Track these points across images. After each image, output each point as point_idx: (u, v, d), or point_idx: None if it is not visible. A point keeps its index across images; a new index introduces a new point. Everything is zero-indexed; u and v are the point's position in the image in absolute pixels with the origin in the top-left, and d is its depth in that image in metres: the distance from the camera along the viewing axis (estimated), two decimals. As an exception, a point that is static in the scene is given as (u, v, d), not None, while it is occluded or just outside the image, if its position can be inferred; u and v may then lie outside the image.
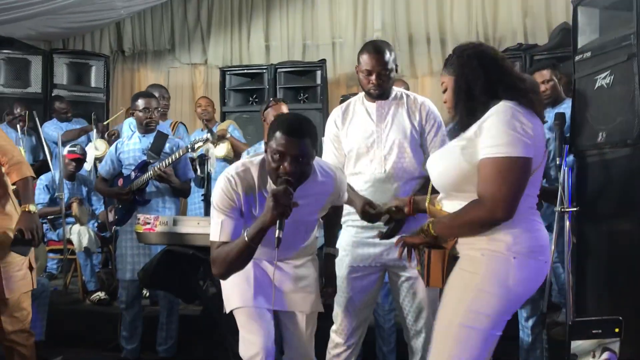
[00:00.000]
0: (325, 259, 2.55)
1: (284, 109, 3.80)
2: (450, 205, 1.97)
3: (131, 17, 7.11)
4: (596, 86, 3.05)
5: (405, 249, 2.11)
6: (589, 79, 3.10)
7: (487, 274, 1.86)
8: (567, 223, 2.81)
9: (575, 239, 3.06)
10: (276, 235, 2.00)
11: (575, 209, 2.86)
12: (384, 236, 2.46)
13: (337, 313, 2.69)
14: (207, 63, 7.07)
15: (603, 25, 3.15)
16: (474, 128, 1.88)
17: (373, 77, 2.61)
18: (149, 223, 3.17)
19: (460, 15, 6.41)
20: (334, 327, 2.71)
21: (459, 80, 1.96)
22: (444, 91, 2.04)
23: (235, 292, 2.34)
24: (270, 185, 2.17)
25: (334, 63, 6.65)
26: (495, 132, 1.81)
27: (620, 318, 1.56)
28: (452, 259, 1.98)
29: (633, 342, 2.77)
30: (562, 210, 2.82)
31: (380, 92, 2.64)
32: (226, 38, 7.00)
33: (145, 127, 3.78)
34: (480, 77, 1.92)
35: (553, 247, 2.91)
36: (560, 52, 5.00)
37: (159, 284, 3.43)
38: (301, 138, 2.05)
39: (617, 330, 1.58)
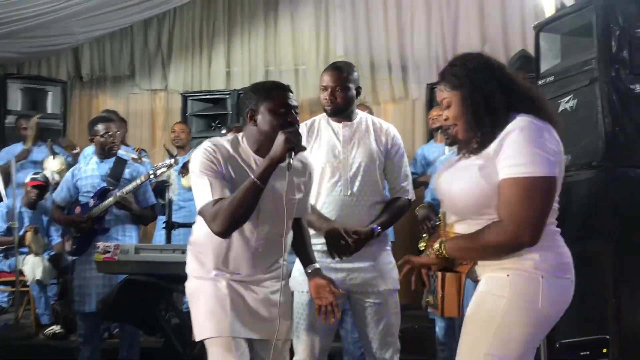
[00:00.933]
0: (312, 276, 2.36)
1: None
2: (465, 230, 1.81)
3: (89, 42, 6.98)
4: (560, 110, 3.09)
5: (413, 273, 1.91)
6: (553, 102, 3.14)
7: (515, 296, 1.72)
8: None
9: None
10: (287, 162, 2.05)
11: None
12: (341, 254, 2.46)
13: (297, 342, 2.59)
14: (167, 89, 6.96)
15: (564, 50, 3.22)
16: (492, 146, 1.75)
17: (327, 93, 2.60)
18: (109, 251, 3.05)
19: (420, 41, 6.49)
20: (295, 358, 2.61)
21: (472, 93, 1.78)
22: (447, 107, 1.86)
23: (210, 319, 2.17)
24: (247, 158, 2.18)
25: (297, 89, 6.62)
26: (518, 149, 1.69)
27: (607, 337, 1.51)
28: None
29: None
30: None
31: (333, 108, 2.61)
32: (187, 63, 6.92)
33: (107, 152, 3.66)
34: (496, 89, 1.76)
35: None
36: (520, 78, 5.10)
37: (119, 315, 3.30)
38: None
39: (604, 350, 1.52)
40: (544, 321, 1.75)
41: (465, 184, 1.79)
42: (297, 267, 2.64)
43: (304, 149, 2.13)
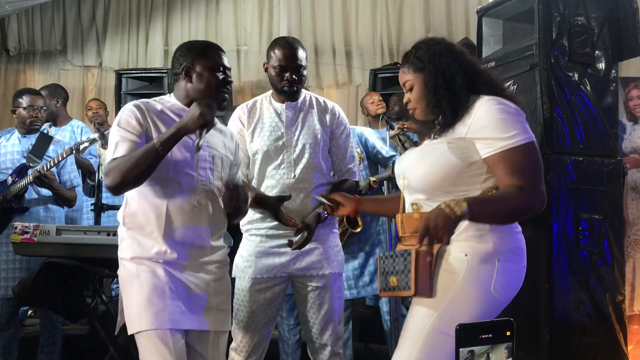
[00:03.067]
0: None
1: None
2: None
3: (18, 13, 6.58)
4: (500, 95, 3.08)
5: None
6: (493, 88, 3.14)
7: (470, 276, 1.74)
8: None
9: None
10: (196, 142, 1.99)
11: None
12: (296, 246, 2.34)
13: (237, 329, 2.49)
14: (101, 66, 6.67)
15: (506, 35, 3.22)
16: (461, 127, 1.80)
17: (288, 74, 2.46)
18: (27, 232, 2.85)
19: (365, 27, 6.48)
20: (233, 345, 2.51)
21: (435, 76, 1.84)
22: (409, 90, 1.90)
23: (145, 310, 2.00)
24: (180, 111, 2.15)
25: (239, 71, 6.49)
26: (503, 123, 1.76)
27: (512, 320, 1.48)
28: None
29: (530, 347, 2.80)
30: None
31: (295, 90, 2.50)
32: (123, 40, 6.64)
33: (28, 127, 3.43)
34: (458, 72, 1.83)
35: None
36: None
37: (38, 300, 3.09)
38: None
39: (508, 333, 1.48)
40: (494, 304, 1.77)
41: (436, 161, 1.82)
42: (240, 252, 2.56)
43: (213, 125, 2.08)
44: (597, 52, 2.93)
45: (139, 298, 2.01)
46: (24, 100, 3.43)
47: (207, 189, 2.14)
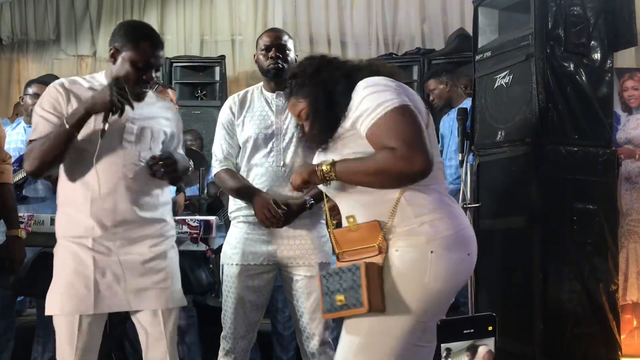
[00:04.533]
0: None
1: (171, 94, 3.60)
2: (345, 203, 1.80)
3: (10, 2, 6.52)
4: (496, 85, 3.08)
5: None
6: (489, 78, 3.14)
7: (400, 272, 1.68)
8: (470, 219, 2.79)
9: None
10: (102, 127, 1.97)
11: (478, 204, 2.87)
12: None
13: (226, 317, 2.50)
14: (95, 55, 6.62)
15: (502, 25, 3.21)
16: (346, 122, 1.76)
17: (272, 52, 2.50)
18: (22, 222, 2.83)
19: (360, 18, 6.45)
20: (223, 333, 2.52)
21: (317, 92, 1.80)
22: (306, 119, 1.84)
23: (61, 293, 2.08)
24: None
25: (234, 60, 6.46)
26: (369, 97, 1.70)
27: (494, 314, 1.46)
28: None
29: (524, 337, 2.82)
30: (465, 206, 2.81)
31: (279, 67, 2.51)
32: (117, 29, 6.59)
33: (30, 115, 3.42)
34: (340, 77, 1.79)
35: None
36: (457, 56, 5.13)
37: (33, 290, 3.07)
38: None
39: (490, 328, 1.46)
40: (433, 297, 1.69)
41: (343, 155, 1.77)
42: (227, 239, 2.58)
43: (118, 112, 1.99)
44: (592, 42, 2.93)
45: (57, 280, 2.11)
46: (31, 89, 3.45)
47: (133, 161, 2.12)
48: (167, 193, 2.29)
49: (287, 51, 2.53)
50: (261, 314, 2.57)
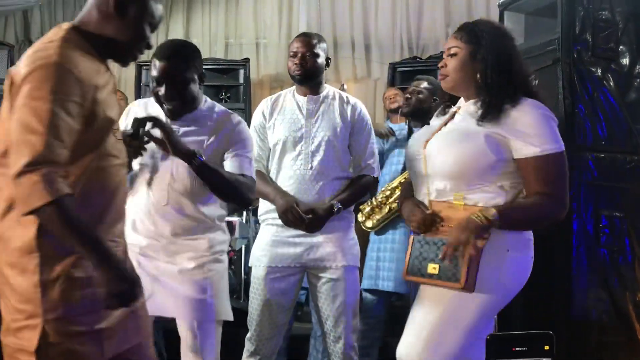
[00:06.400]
0: None
1: None
2: (477, 197, 1.81)
3: (40, 5, 6.65)
4: (521, 90, 3.05)
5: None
6: (514, 83, 3.10)
7: (482, 268, 1.77)
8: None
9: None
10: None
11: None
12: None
13: (252, 318, 2.52)
14: (121, 57, 6.72)
15: (528, 30, 3.18)
16: (504, 119, 1.80)
17: (297, 59, 2.53)
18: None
19: (384, 21, 6.44)
20: (248, 335, 2.54)
21: (489, 53, 1.81)
22: (450, 56, 1.88)
23: None
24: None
25: (258, 63, 6.48)
26: (542, 129, 1.80)
27: (551, 332, 1.44)
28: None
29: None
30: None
31: (302, 73, 2.53)
32: (144, 32, 6.67)
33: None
34: (513, 59, 1.84)
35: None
36: (482, 60, 5.08)
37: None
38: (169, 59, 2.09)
39: (547, 348, 1.43)
40: (502, 294, 1.83)
41: (468, 149, 1.80)
42: (257, 241, 2.60)
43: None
44: (621, 47, 2.89)
45: None
46: None
47: (176, 187, 2.13)
48: (215, 207, 2.25)
49: (314, 57, 2.54)
50: (288, 316, 2.59)
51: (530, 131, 1.79)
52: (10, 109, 1.47)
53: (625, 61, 2.90)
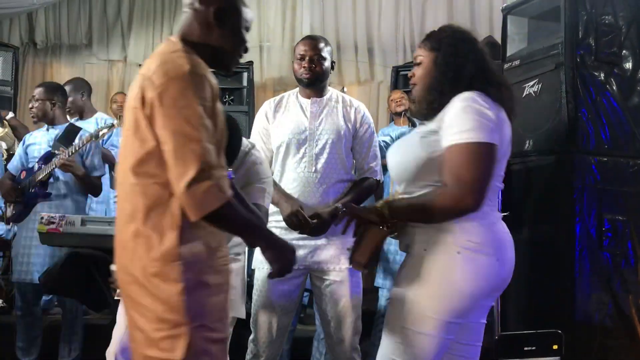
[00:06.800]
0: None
1: None
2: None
3: (45, 7, 6.68)
4: (524, 94, 3.07)
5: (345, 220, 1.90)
6: (517, 87, 3.11)
7: (429, 272, 1.74)
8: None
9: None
10: None
11: (505, 213, 2.84)
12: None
13: (255, 320, 2.52)
14: (126, 60, 6.74)
15: (532, 34, 3.20)
16: (436, 118, 1.79)
17: (305, 62, 2.53)
18: (53, 223, 2.89)
19: (387, 24, 6.46)
20: (251, 337, 2.54)
21: (448, 59, 1.82)
22: (417, 65, 1.90)
23: None
24: None
25: (261, 66, 6.50)
26: (461, 119, 1.73)
27: (560, 332, 1.44)
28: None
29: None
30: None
31: (311, 76, 2.54)
32: (148, 35, 6.69)
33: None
34: (468, 65, 1.81)
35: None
36: (485, 64, 5.10)
37: (63, 289, 3.14)
38: None
39: (555, 347, 1.43)
40: (460, 298, 1.72)
41: (406, 152, 1.83)
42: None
43: None
44: (624, 51, 2.90)
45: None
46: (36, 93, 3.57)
47: None
48: None
49: (322, 60, 2.55)
50: (291, 318, 2.59)
51: (449, 124, 1.75)
52: (135, 123, 1.53)
53: (628, 65, 2.92)
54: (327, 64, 2.57)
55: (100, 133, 3.28)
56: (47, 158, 3.38)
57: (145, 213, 1.51)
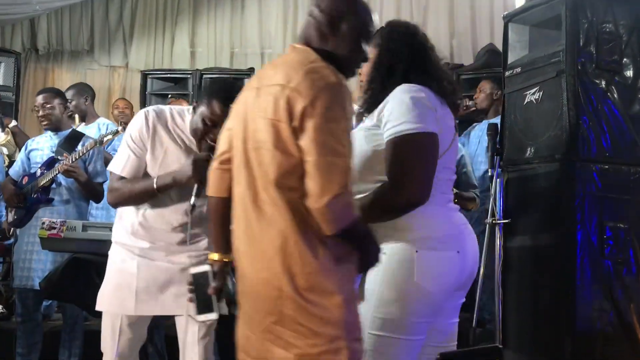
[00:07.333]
0: None
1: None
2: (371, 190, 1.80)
3: (47, 13, 6.70)
4: (525, 101, 3.06)
5: None
6: (519, 94, 3.12)
7: (388, 273, 1.71)
8: (498, 236, 2.77)
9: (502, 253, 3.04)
10: (191, 202, 2.05)
11: (506, 221, 2.84)
12: None
13: None
14: (127, 66, 6.76)
15: (533, 41, 3.20)
16: (376, 112, 1.77)
17: None
18: (54, 228, 2.90)
19: (389, 33, 6.46)
20: None
21: (382, 54, 1.84)
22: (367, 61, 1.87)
23: (114, 293, 2.23)
24: (181, 133, 2.18)
25: (262, 72, 6.52)
26: (399, 111, 1.70)
27: (499, 346, 1.43)
28: None
29: (549, 356, 2.77)
30: (494, 222, 2.79)
31: None
32: (149, 42, 6.72)
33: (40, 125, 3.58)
34: (403, 59, 1.81)
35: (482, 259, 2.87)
36: (486, 72, 5.10)
37: (64, 295, 3.13)
38: None
39: None
40: (422, 296, 1.70)
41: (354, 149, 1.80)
42: None
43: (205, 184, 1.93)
44: (625, 59, 2.90)
45: (107, 279, 2.29)
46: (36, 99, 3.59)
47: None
48: None
49: None
50: None
51: (387, 118, 1.73)
52: (276, 136, 1.50)
53: (629, 73, 2.91)
54: None
55: (105, 139, 3.28)
56: (49, 163, 3.38)
57: (294, 228, 1.48)
